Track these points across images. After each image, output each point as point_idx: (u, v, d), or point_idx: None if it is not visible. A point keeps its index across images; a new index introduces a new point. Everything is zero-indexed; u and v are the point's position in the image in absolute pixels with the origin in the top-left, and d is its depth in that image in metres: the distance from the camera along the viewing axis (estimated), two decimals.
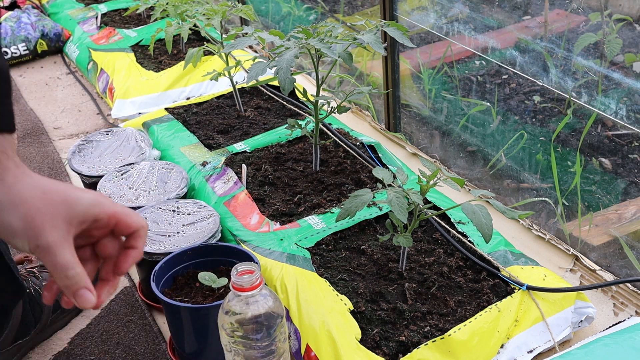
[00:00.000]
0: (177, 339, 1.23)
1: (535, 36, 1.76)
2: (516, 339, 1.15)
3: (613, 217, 1.51)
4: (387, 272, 1.25)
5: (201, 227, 1.34)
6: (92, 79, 2.32)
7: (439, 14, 1.92)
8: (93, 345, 1.30)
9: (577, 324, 1.22)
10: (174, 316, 1.18)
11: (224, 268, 1.28)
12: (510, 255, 1.28)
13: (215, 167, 1.56)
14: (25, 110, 2.23)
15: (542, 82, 1.64)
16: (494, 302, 1.17)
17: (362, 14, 2.51)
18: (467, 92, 1.98)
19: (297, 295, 1.18)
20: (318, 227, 1.34)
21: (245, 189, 1.46)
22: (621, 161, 1.64)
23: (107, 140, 1.67)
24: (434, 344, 1.09)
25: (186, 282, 1.26)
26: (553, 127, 1.74)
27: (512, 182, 1.73)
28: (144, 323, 1.33)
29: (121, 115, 2.06)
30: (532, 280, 1.20)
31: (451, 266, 1.26)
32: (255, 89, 1.97)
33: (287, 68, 1.26)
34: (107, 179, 1.50)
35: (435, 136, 1.96)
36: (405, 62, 2.04)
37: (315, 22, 2.61)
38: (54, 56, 2.67)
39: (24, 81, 2.48)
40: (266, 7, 2.81)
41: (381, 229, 1.36)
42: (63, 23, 2.72)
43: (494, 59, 1.75)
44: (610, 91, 1.58)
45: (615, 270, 1.38)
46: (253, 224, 1.37)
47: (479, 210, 1.07)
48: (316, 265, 1.24)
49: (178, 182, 1.49)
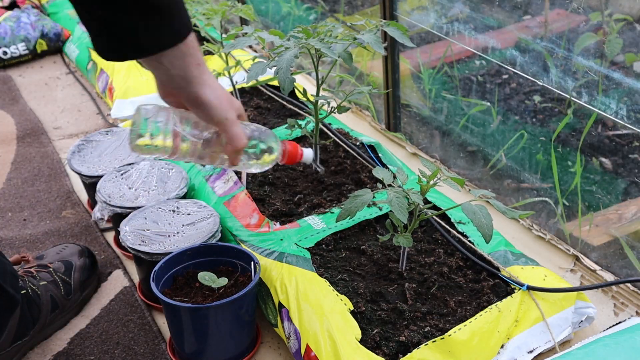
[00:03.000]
0: (177, 339, 1.22)
1: (536, 36, 1.76)
2: (516, 339, 1.14)
3: (613, 217, 1.51)
4: (387, 272, 1.25)
5: (201, 227, 1.34)
6: (92, 78, 2.32)
7: (439, 13, 1.91)
8: (92, 345, 1.30)
9: (577, 324, 1.22)
10: (174, 316, 1.18)
11: (224, 268, 1.28)
12: (510, 255, 1.28)
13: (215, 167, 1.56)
14: (24, 110, 2.23)
15: (542, 82, 1.64)
16: (494, 302, 1.16)
17: (362, 14, 2.51)
18: (467, 92, 1.98)
19: (297, 295, 1.18)
20: (318, 227, 1.33)
21: (245, 189, 1.46)
22: (621, 161, 1.64)
23: (106, 140, 1.67)
24: (434, 344, 1.09)
25: (186, 282, 1.26)
26: (553, 127, 1.74)
27: (512, 182, 1.73)
28: (143, 323, 1.33)
29: (121, 115, 2.06)
30: (533, 281, 1.20)
31: (451, 266, 1.25)
32: (255, 89, 1.97)
33: (287, 68, 1.26)
34: (106, 178, 1.49)
35: (435, 136, 1.96)
36: (405, 62, 2.04)
37: (315, 21, 2.61)
38: (54, 56, 2.67)
39: (23, 81, 2.48)
40: (266, 7, 2.80)
41: (381, 229, 1.36)
42: (63, 23, 2.72)
43: (494, 59, 1.75)
44: (611, 91, 1.58)
45: (615, 270, 1.37)
46: (253, 224, 1.37)
47: (479, 210, 1.06)
48: (316, 265, 1.24)
49: (178, 182, 1.49)
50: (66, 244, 1.46)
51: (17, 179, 1.85)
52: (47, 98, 2.34)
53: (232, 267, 1.28)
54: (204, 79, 0.98)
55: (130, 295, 1.41)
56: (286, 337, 1.19)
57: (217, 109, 1.00)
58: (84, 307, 1.40)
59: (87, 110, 2.23)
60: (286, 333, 1.19)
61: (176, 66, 0.95)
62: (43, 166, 1.91)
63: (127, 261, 1.52)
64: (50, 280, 1.34)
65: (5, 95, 2.36)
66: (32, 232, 1.62)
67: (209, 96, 0.99)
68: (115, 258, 1.52)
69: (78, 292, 1.38)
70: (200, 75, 0.98)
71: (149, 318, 1.34)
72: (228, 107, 1.02)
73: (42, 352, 1.30)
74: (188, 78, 0.97)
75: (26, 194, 1.78)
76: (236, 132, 1.03)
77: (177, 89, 1.00)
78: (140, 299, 1.39)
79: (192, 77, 0.97)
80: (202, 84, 0.98)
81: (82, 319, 1.37)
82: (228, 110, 1.02)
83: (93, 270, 1.43)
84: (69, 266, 1.39)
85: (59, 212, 1.70)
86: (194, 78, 0.97)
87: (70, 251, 1.43)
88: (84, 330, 1.34)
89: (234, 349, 1.22)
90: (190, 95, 0.99)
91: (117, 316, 1.36)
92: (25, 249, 1.56)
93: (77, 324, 1.36)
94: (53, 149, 1.99)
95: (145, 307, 1.37)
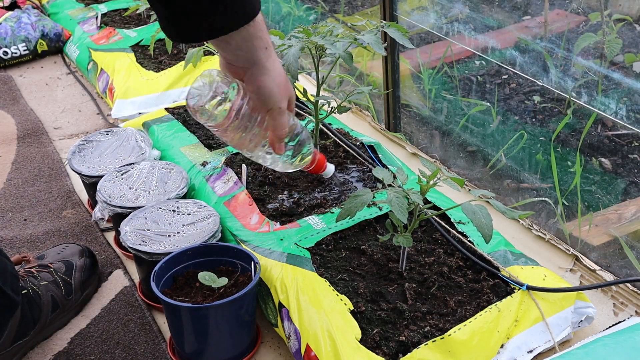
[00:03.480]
0: (177, 339, 1.23)
1: (535, 36, 1.76)
2: (516, 339, 1.15)
3: (613, 217, 1.51)
4: (387, 272, 1.25)
5: (201, 227, 1.34)
6: (92, 79, 2.32)
7: (439, 14, 1.92)
8: (93, 345, 1.30)
9: (577, 324, 1.22)
10: (174, 316, 1.18)
11: (224, 268, 1.28)
12: (510, 255, 1.28)
13: (215, 167, 1.56)
14: (25, 110, 2.23)
15: (542, 82, 1.64)
16: (494, 302, 1.17)
17: (362, 14, 2.51)
18: (467, 92, 1.98)
19: (297, 295, 1.18)
20: (318, 227, 1.34)
21: (245, 189, 1.46)
22: (621, 161, 1.64)
23: (107, 140, 1.67)
24: (434, 344, 1.09)
25: (186, 282, 1.26)
26: (553, 127, 1.74)
27: (512, 182, 1.73)
28: (143, 323, 1.33)
29: (121, 115, 2.06)
30: (532, 280, 1.20)
31: (451, 266, 1.26)
32: None
33: (296, 61, 1.29)
34: (107, 179, 1.50)
35: (435, 136, 1.96)
36: (405, 62, 2.04)
37: (316, 22, 2.61)
38: (54, 56, 2.67)
39: (24, 81, 2.48)
40: (266, 7, 2.81)
41: (381, 229, 1.36)
42: (63, 23, 2.72)
43: (494, 59, 1.75)
44: (610, 91, 1.58)
45: (615, 270, 1.38)
46: (253, 224, 1.37)
47: (479, 210, 1.07)
48: (316, 265, 1.24)
49: (178, 182, 1.49)
50: (67, 244, 1.47)
51: (18, 179, 1.85)
52: (47, 98, 2.34)
53: (232, 267, 1.28)
54: (269, 64, 1.00)
55: (131, 295, 1.41)
56: (286, 337, 1.19)
57: (273, 96, 1.02)
58: (84, 307, 1.40)
59: (87, 111, 2.23)
60: (286, 333, 1.19)
61: (243, 48, 0.96)
62: (43, 166, 1.91)
63: (127, 261, 1.52)
64: (51, 280, 1.34)
65: (5, 95, 2.36)
66: (33, 232, 1.62)
67: (269, 83, 1.01)
68: (116, 258, 1.53)
69: (79, 292, 1.38)
70: (266, 60, 0.99)
71: (149, 318, 1.34)
72: (283, 96, 1.04)
73: (43, 352, 1.30)
74: (253, 60, 0.98)
75: (27, 194, 1.79)
76: (282, 121, 1.06)
77: (240, 69, 1.01)
78: (141, 299, 1.39)
79: (258, 59, 0.98)
80: (265, 68, 0.99)
81: (82, 319, 1.37)
82: (282, 99, 1.04)
83: (93, 270, 1.43)
84: (69, 266, 1.39)
85: (59, 212, 1.70)
86: (259, 61, 0.98)
87: (70, 251, 1.43)
88: (84, 330, 1.34)
89: (234, 349, 1.22)
90: (252, 77, 1.01)
91: (117, 316, 1.36)
92: (26, 249, 1.56)
93: (77, 323, 1.36)
94: (53, 149, 2.00)
95: (146, 307, 1.37)
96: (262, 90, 1.01)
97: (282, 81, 1.03)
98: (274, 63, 1.01)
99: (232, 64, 1.02)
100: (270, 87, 1.01)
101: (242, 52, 0.97)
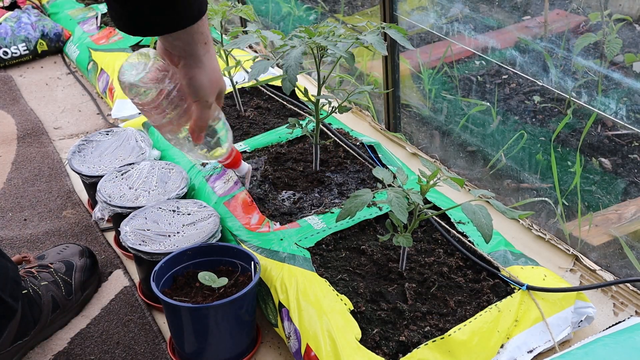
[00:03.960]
0: (177, 339, 1.23)
1: (535, 36, 1.76)
2: (516, 339, 1.15)
3: (613, 217, 1.51)
4: (387, 272, 1.25)
5: (201, 227, 1.34)
6: (92, 79, 2.32)
7: (439, 14, 1.92)
8: (93, 345, 1.30)
9: (577, 324, 1.22)
10: (174, 316, 1.18)
11: (224, 268, 1.28)
12: (510, 255, 1.28)
13: (215, 167, 1.56)
14: (25, 110, 2.23)
15: (542, 82, 1.64)
16: (494, 302, 1.17)
17: (362, 14, 2.51)
18: (467, 92, 1.98)
19: (297, 295, 1.18)
20: (318, 227, 1.34)
21: (245, 189, 1.46)
22: (621, 161, 1.64)
23: (107, 140, 1.67)
24: (434, 344, 1.09)
25: (186, 282, 1.26)
26: (553, 127, 1.74)
27: (512, 182, 1.73)
28: (143, 323, 1.34)
29: (121, 115, 2.06)
30: (532, 280, 1.21)
31: (451, 266, 1.26)
32: (255, 89, 1.97)
33: (296, 65, 1.28)
34: (107, 179, 1.50)
35: (435, 136, 1.96)
36: (405, 62, 2.04)
37: (316, 22, 2.61)
38: (54, 56, 2.67)
39: (24, 81, 2.48)
40: (266, 7, 2.81)
41: (381, 229, 1.36)
42: (63, 23, 2.72)
43: (494, 59, 1.75)
44: (610, 91, 1.58)
45: (615, 270, 1.38)
46: (253, 224, 1.37)
47: (479, 210, 1.07)
48: (316, 265, 1.24)
49: (178, 182, 1.49)
50: (67, 244, 1.47)
51: (18, 179, 1.85)
52: (47, 98, 2.34)
53: (232, 267, 1.28)
54: (205, 58, 1.03)
55: (131, 295, 1.41)
56: (286, 337, 1.19)
57: (203, 90, 1.05)
58: (84, 307, 1.40)
59: (87, 111, 2.24)
60: (286, 333, 1.19)
61: (184, 40, 0.99)
62: (43, 166, 1.91)
63: (127, 261, 1.52)
64: (51, 280, 1.34)
65: (5, 95, 2.36)
66: (33, 232, 1.62)
67: (202, 77, 1.04)
68: (116, 258, 1.53)
69: (79, 292, 1.38)
70: (203, 54, 1.02)
71: (149, 318, 1.34)
72: (213, 90, 1.07)
73: (43, 352, 1.30)
74: (190, 52, 1.01)
75: (27, 194, 1.79)
76: (206, 114, 1.10)
77: (177, 57, 1.03)
78: (141, 299, 1.39)
79: (195, 53, 1.01)
80: (201, 62, 1.02)
81: (82, 319, 1.37)
82: (211, 94, 1.07)
83: (94, 271, 1.43)
84: (69, 266, 1.39)
85: (59, 212, 1.70)
86: (196, 54, 1.01)
87: (71, 251, 1.43)
88: (84, 330, 1.34)
89: (234, 349, 1.22)
90: (186, 68, 1.03)
91: (117, 316, 1.36)
92: (26, 249, 1.56)
93: (77, 323, 1.36)
94: (53, 149, 2.00)
95: (146, 307, 1.37)
96: (194, 82, 1.04)
97: (215, 77, 1.06)
98: (210, 58, 1.04)
99: (170, 50, 1.03)
100: (202, 81, 1.04)
101: (182, 44, 1.00)
